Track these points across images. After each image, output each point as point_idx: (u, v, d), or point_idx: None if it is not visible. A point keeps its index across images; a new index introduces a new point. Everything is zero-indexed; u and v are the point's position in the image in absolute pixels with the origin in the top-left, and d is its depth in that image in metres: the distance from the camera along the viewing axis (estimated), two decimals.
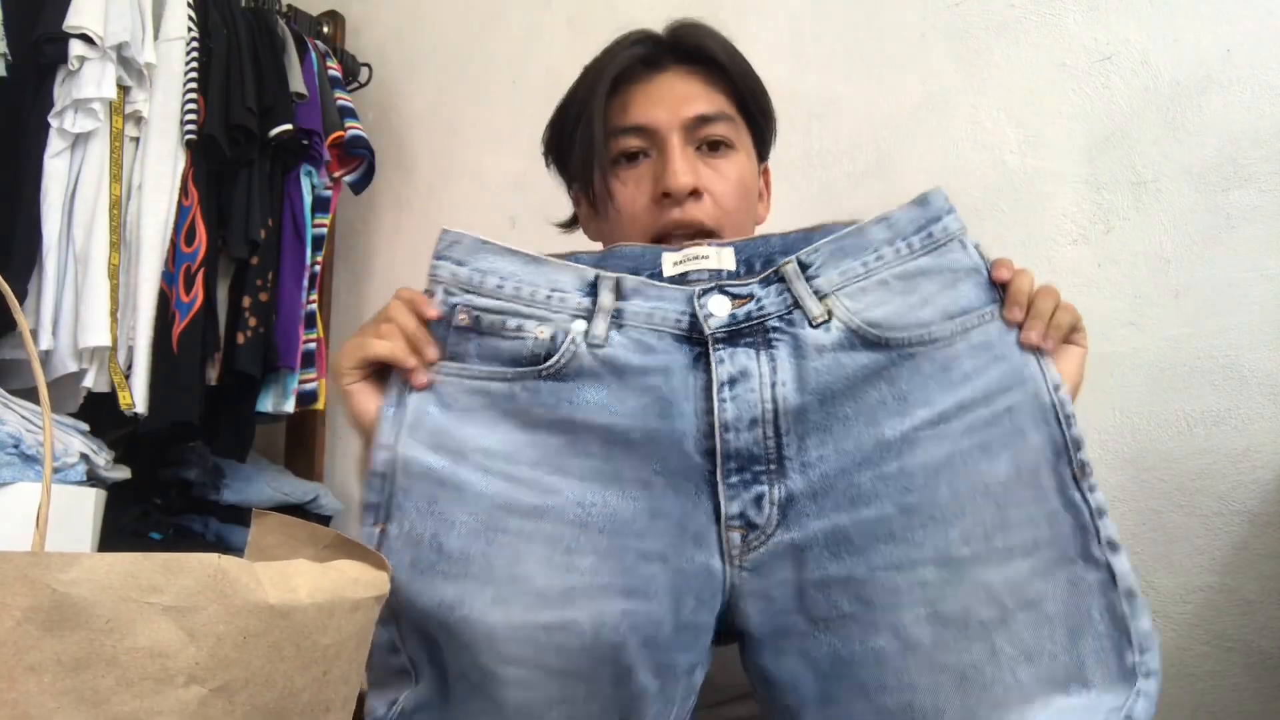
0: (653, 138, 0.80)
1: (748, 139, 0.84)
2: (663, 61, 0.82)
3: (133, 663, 0.35)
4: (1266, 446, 1.09)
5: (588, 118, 0.81)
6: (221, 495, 1.85)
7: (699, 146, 0.80)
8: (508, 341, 0.63)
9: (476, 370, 0.62)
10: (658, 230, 0.79)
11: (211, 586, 0.36)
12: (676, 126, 0.79)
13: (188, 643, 0.36)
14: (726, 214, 0.80)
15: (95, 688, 0.34)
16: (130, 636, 0.35)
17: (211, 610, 0.36)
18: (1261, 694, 1.07)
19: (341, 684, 0.42)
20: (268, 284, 1.77)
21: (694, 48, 0.82)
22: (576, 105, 0.83)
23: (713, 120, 0.80)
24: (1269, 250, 1.11)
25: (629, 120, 0.80)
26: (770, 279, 0.64)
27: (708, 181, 0.79)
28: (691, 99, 0.80)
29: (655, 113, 0.80)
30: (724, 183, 0.80)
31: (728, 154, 0.81)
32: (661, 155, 0.79)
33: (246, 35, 1.77)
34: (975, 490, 0.59)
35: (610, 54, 0.83)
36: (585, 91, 0.83)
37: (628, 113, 0.81)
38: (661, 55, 0.82)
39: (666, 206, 0.78)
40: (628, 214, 0.81)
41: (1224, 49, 1.15)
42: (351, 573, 0.43)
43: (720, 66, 0.82)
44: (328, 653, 0.41)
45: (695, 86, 0.81)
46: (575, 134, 0.83)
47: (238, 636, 0.37)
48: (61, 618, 0.34)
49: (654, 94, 0.81)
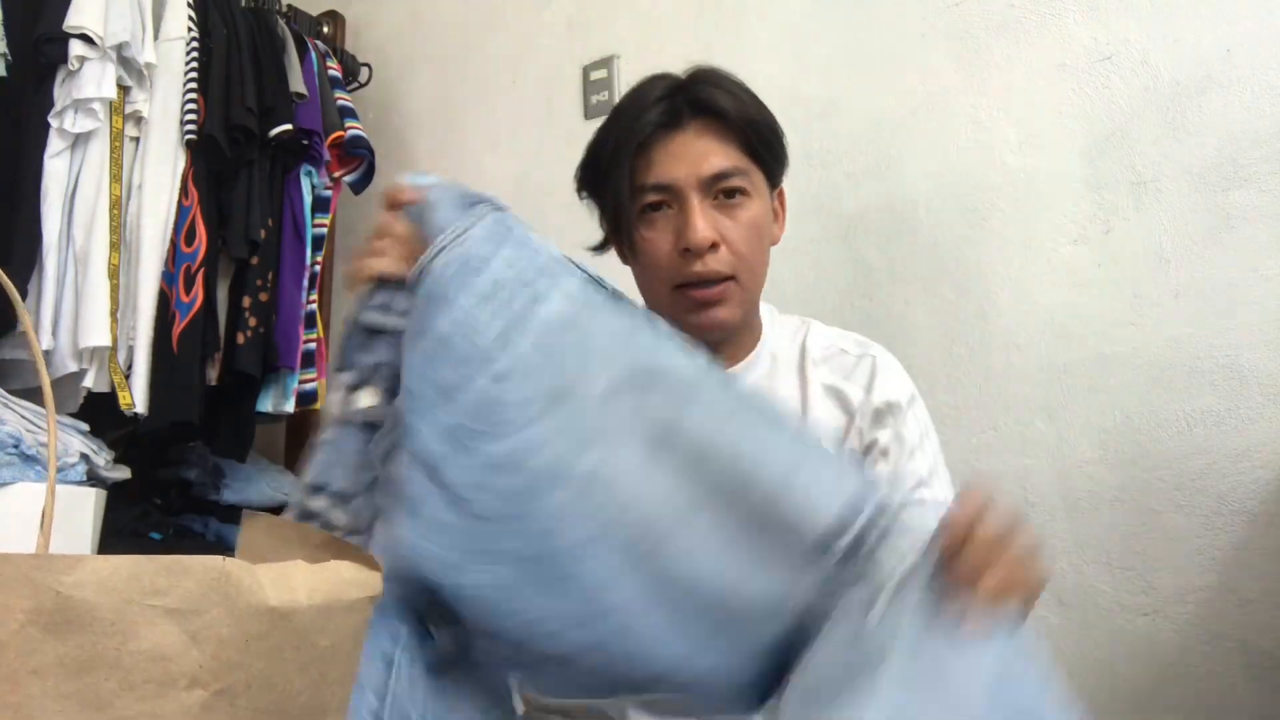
0: (674, 193, 0.88)
1: (760, 180, 0.92)
2: (682, 119, 0.89)
3: (136, 666, 0.35)
4: (1266, 446, 1.09)
5: (617, 178, 0.90)
6: (221, 495, 1.85)
7: (715, 197, 0.89)
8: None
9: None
10: (680, 280, 0.89)
11: (215, 589, 0.36)
12: (695, 184, 0.88)
13: (191, 646, 0.36)
14: (742, 258, 0.89)
15: (98, 691, 0.34)
16: (133, 639, 0.35)
17: (215, 613, 0.36)
18: (1261, 694, 1.07)
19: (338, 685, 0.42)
20: (268, 284, 1.77)
21: (709, 103, 0.89)
22: (607, 158, 0.91)
23: (727, 175, 0.88)
24: (1269, 250, 1.11)
25: (652, 179, 0.89)
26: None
27: (724, 231, 0.88)
28: (708, 155, 0.88)
29: (676, 171, 0.88)
30: (739, 229, 0.89)
31: (742, 201, 0.90)
32: (682, 210, 0.88)
33: (246, 35, 1.77)
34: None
35: (636, 111, 0.90)
36: (615, 146, 0.91)
37: (651, 171, 0.89)
38: (681, 112, 0.89)
39: (688, 259, 0.87)
40: (653, 263, 0.90)
41: (1224, 49, 1.15)
42: (346, 573, 0.43)
43: (733, 120, 0.89)
44: (325, 654, 0.41)
45: (711, 143, 0.89)
46: (606, 183, 0.91)
47: (240, 639, 0.37)
48: (65, 620, 0.34)
49: (675, 152, 0.89)
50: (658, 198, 0.89)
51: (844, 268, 1.43)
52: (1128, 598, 1.17)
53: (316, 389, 1.87)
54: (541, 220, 2.05)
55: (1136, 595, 1.16)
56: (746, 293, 0.91)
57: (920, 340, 1.34)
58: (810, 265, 1.46)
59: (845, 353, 0.98)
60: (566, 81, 1.84)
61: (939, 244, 1.35)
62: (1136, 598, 1.16)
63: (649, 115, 0.89)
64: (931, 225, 1.36)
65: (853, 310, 1.41)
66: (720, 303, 0.89)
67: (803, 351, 0.98)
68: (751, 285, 0.92)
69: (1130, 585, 1.17)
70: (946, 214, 1.34)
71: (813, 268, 1.46)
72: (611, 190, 0.90)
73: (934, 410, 1.30)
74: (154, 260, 1.61)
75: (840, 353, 0.98)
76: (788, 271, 1.47)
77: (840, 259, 1.44)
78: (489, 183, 1.96)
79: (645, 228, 0.90)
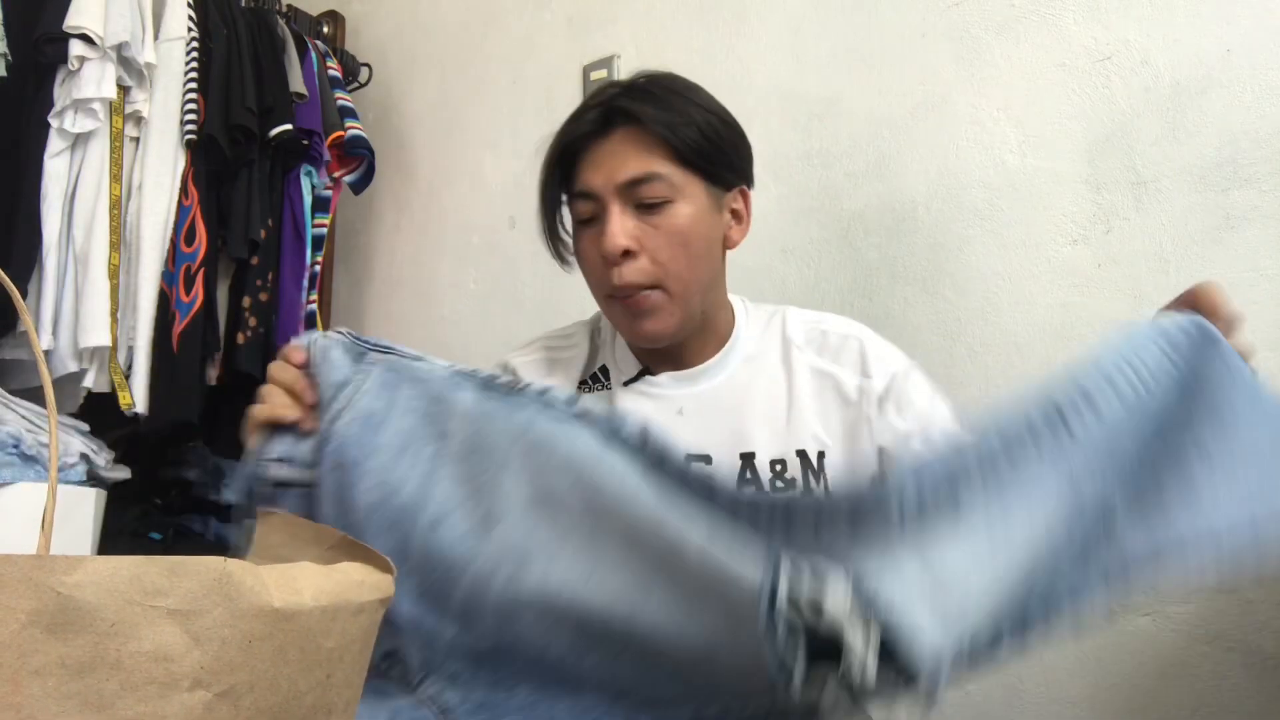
0: (598, 202, 0.88)
1: (696, 186, 0.89)
2: (610, 126, 0.88)
3: (137, 666, 0.35)
4: None
5: (549, 185, 0.92)
6: (221, 495, 1.85)
7: (637, 206, 0.87)
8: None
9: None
10: (609, 290, 0.90)
11: (216, 590, 0.36)
12: (612, 190, 0.87)
13: (192, 646, 0.36)
14: (664, 266, 0.87)
15: (100, 691, 0.34)
16: (135, 640, 0.35)
17: (216, 614, 0.36)
18: (1261, 694, 1.07)
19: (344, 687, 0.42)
20: (268, 284, 1.77)
21: (631, 111, 0.87)
22: (545, 168, 0.93)
23: (644, 181, 0.86)
24: (1269, 250, 1.11)
25: (577, 186, 0.90)
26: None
27: (644, 239, 0.87)
28: (625, 163, 0.87)
29: (595, 179, 0.88)
30: (660, 237, 0.87)
31: (666, 209, 0.87)
32: (604, 218, 0.88)
33: (246, 35, 1.77)
34: None
35: (573, 118, 0.92)
36: (550, 157, 0.92)
37: (577, 179, 0.90)
38: (610, 119, 0.88)
39: (610, 268, 0.88)
40: (588, 274, 0.93)
41: (1224, 49, 1.15)
42: (356, 575, 0.43)
43: (651, 129, 0.87)
44: (331, 656, 0.41)
45: (630, 150, 0.87)
46: (542, 190, 0.93)
47: (243, 640, 0.37)
48: (66, 621, 0.34)
49: (596, 160, 0.89)
50: (587, 207, 0.89)
51: (844, 268, 1.43)
52: (1128, 598, 1.16)
53: None
54: None
55: (1136, 595, 1.16)
56: (679, 301, 0.89)
57: (920, 340, 1.34)
58: (810, 265, 1.46)
59: (826, 333, 0.97)
60: (566, 81, 1.84)
61: (939, 244, 1.35)
62: (1136, 598, 1.16)
63: (580, 122, 0.90)
64: (931, 225, 1.36)
65: (853, 310, 1.41)
66: (648, 313, 0.88)
67: (784, 340, 0.97)
68: (684, 293, 0.89)
69: None
70: (946, 214, 1.34)
71: (813, 268, 1.46)
72: (545, 197, 0.92)
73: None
74: (154, 260, 1.61)
75: (822, 334, 0.97)
76: (788, 271, 1.48)
77: (840, 259, 1.44)
78: (489, 183, 1.97)
79: (581, 238, 0.91)
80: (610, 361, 1.00)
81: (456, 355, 2.17)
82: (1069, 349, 1.23)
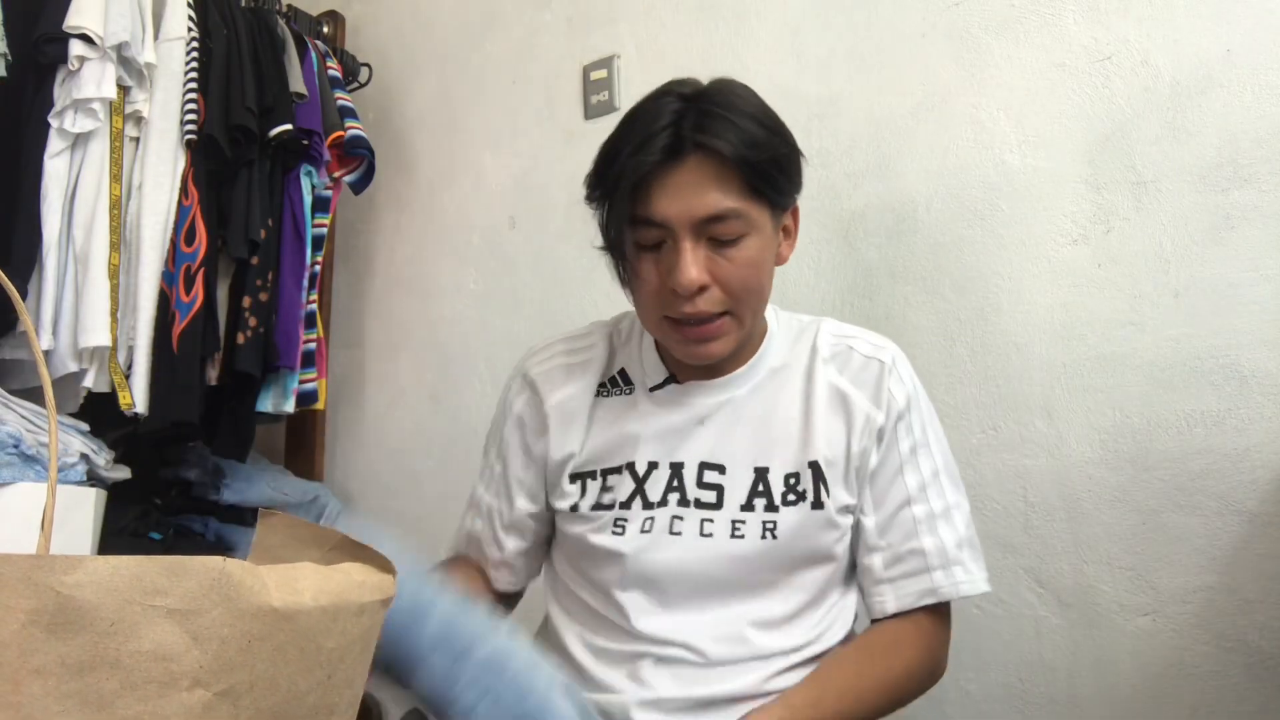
0: (668, 231, 0.86)
1: (763, 214, 0.88)
2: (682, 152, 0.84)
3: (137, 666, 0.35)
4: (1266, 446, 1.09)
5: (617, 206, 0.87)
6: (221, 495, 1.85)
7: (710, 241, 0.86)
8: None
9: None
10: (669, 315, 0.88)
11: (216, 589, 0.36)
12: (687, 224, 0.85)
13: (192, 646, 0.36)
14: (735, 298, 0.87)
15: (99, 691, 0.34)
16: (134, 639, 0.35)
17: (216, 613, 0.36)
18: (1261, 694, 1.07)
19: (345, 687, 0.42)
20: (268, 284, 1.77)
21: (710, 143, 0.84)
22: (610, 182, 0.88)
23: (722, 218, 0.85)
24: (1269, 250, 1.11)
25: (648, 214, 0.86)
26: None
27: (717, 272, 0.86)
28: (702, 198, 0.84)
29: (670, 209, 0.85)
30: (734, 269, 0.86)
31: (739, 243, 0.86)
32: (675, 249, 0.85)
33: (246, 35, 1.77)
34: None
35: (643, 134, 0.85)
36: (618, 172, 0.86)
37: (648, 206, 0.85)
38: (683, 145, 0.84)
39: (677, 298, 0.86)
40: (645, 295, 0.89)
41: (1224, 49, 1.15)
42: (357, 575, 0.43)
43: (732, 160, 0.84)
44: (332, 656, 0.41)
45: (706, 183, 0.84)
46: (606, 207, 0.89)
47: (242, 640, 0.37)
48: (65, 620, 0.34)
49: (671, 189, 0.85)
50: (654, 235, 0.87)
51: (844, 268, 1.43)
52: (1128, 598, 1.17)
53: (316, 389, 1.87)
54: (541, 220, 2.05)
55: (1136, 595, 1.16)
56: (743, 324, 0.90)
57: (920, 340, 1.34)
58: (810, 265, 1.46)
59: (853, 350, 0.97)
60: (566, 81, 1.84)
61: (939, 244, 1.35)
62: (1136, 598, 1.16)
63: (652, 146, 0.84)
64: (931, 225, 1.36)
65: (853, 310, 1.41)
66: (715, 337, 0.88)
67: (813, 350, 0.97)
68: (749, 317, 0.90)
69: (1130, 585, 1.17)
70: (946, 214, 1.34)
71: (813, 268, 1.46)
72: (612, 216, 0.88)
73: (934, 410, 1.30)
74: (154, 260, 1.61)
75: (848, 350, 0.97)
76: (788, 271, 1.47)
77: (840, 259, 1.44)
78: (489, 183, 1.97)
79: (640, 261, 0.88)
80: (633, 365, 1.00)
81: (456, 355, 2.18)
82: (1069, 349, 1.23)
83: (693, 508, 0.92)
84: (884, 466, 0.93)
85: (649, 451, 0.94)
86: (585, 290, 1.75)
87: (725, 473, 0.93)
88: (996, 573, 1.27)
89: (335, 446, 2.17)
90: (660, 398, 0.97)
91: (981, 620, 1.26)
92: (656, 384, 0.98)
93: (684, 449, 0.94)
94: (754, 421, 0.94)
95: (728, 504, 0.92)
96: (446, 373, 1.97)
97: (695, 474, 0.93)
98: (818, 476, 0.92)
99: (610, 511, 0.94)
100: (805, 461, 0.92)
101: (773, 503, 0.91)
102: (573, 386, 0.99)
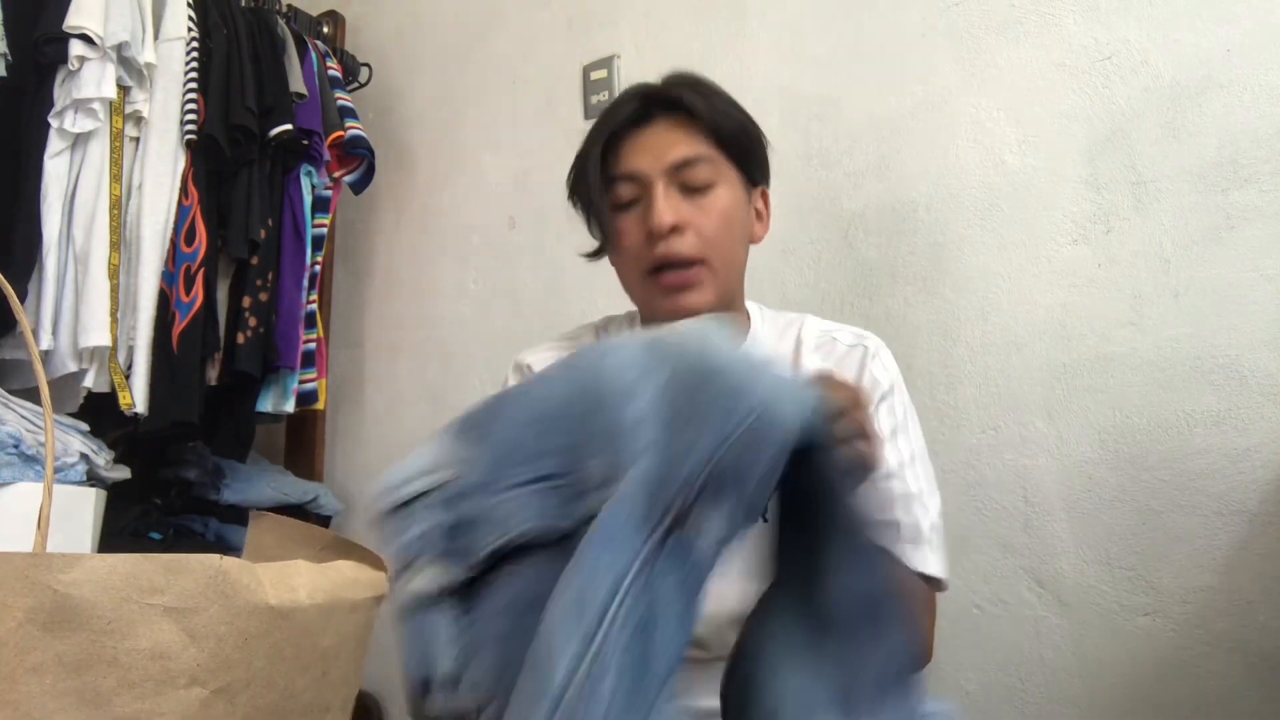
0: (642, 184, 0.91)
1: (733, 173, 0.94)
2: (651, 115, 0.93)
3: (134, 664, 0.35)
4: (1266, 446, 1.09)
5: (590, 169, 0.93)
6: (221, 495, 1.85)
7: (682, 187, 0.91)
8: None
9: None
10: (650, 264, 0.91)
11: (212, 588, 0.36)
12: (660, 171, 0.91)
13: (189, 644, 0.36)
14: (709, 243, 0.91)
15: (97, 689, 0.34)
16: (131, 637, 0.35)
17: (212, 611, 0.36)
18: (1261, 694, 1.07)
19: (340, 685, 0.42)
20: (268, 284, 1.77)
21: (675, 100, 0.92)
22: (585, 153, 0.95)
23: (692, 163, 0.91)
24: (1269, 250, 1.11)
25: (621, 169, 0.92)
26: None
27: (689, 217, 0.90)
28: (673, 145, 0.91)
29: (642, 161, 0.91)
30: (706, 215, 0.91)
31: (709, 191, 0.92)
32: (649, 197, 0.91)
33: (246, 35, 1.77)
34: None
35: (610, 111, 0.95)
36: (588, 143, 0.95)
37: (620, 162, 0.93)
38: (651, 109, 0.93)
39: (655, 243, 0.90)
40: (628, 253, 0.94)
41: (1224, 49, 1.15)
42: (350, 573, 0.43)
43: (699, 115, 0.92)
44: (327, 654, 0.41)
45: (677, 134, 0.92)
46: (582, 178, 0.96)
47: (239, 638, 0.37)
48: (63, 618, 0.34)
49: (642, 144, 0.92)
50: (629, 190, 0.92)
51: (844, 268, 1.43)
52: (1128, 598, 1.16)
53: (316, 389, 1.87)
54: (541, 220, 2.05)
55: (1136, 595, 1.16)
56: (719, 279, 0.92)
57: (920, 340, 1.34)
58: (810, 265, 1.46)
59: (837, 341, 0.98)
60: (566, 81, 1.84)
61: (939, 244, 1.35)
62: (1136, 598, 1.16)
63: (620, 112, 0.93)
64: (931, 225, 1.36)
65: (853, 310, 1.41)
66: (691, 287, 0.91)
67: (797, 343, 0.99)
68: (724, 270, 0.93)
69: (1130, 585, 1.16)
70: (946, 214, 1.34)
71: (813, 268, 1.46)
72: (587, 183, 0.94)
73: (934, 410, 1.30)
74: (154, 260, 1.61)
75: (832, 341, 0.99)
76: (788, 271, 1.47)
77: (840, 259, 1.44)
78: (489, 183, 1.97)
79: (619, 221, 0.93)
80: None
81: (457, 355, 2.18)
82: (1069, 349, 1.23)
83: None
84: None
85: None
86: (585, 290, 1.75)
87: None
88: (996, 573, 1.27)
89: (335, 446, 2.17)
90: None
91: (981, 620, 1.26)
92: None
93: None
94: None
95: None
96: (446, 373, 1.97)
97: None
98: None
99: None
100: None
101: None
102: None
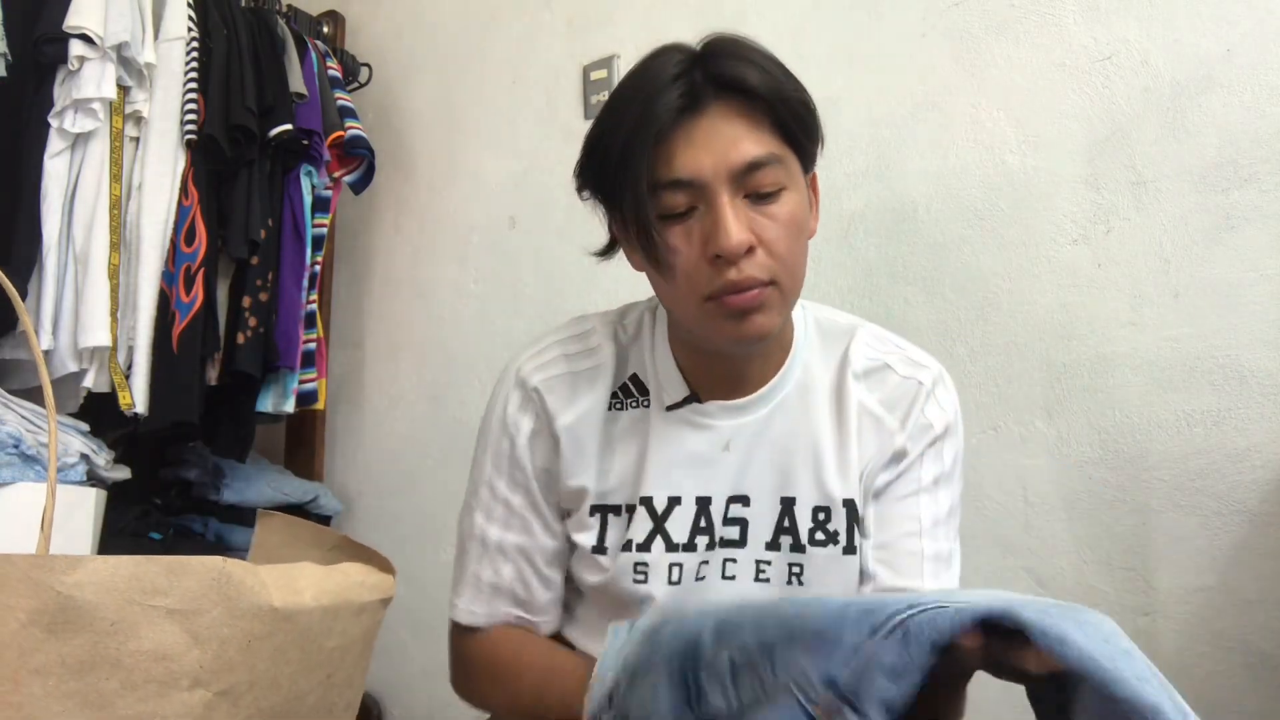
0: (700, 191, 0.74)
1: (796, 167, 0.78)
2: (703, 100, 0.74)
3: (137, 665, 0.35)
4: (1266, 446, 1.09)
5: (632, 175, 0.74)
6: (221, 495, 1.85)
7: (749, 192, 0.74)
8: None
9: None
10: (713, 291, 0.74)
11: (215, 589, 0.36)
12: (724, 178, 0.73)
13: (192, 645, 0.36)
14: (781, 261, 0.75)
15: (100, 690, 0.34)
16: (134, 639, 0.35)
17: (216, 613, 0.36)
18: (1261, 694, 1.07)
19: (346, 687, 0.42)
20: (268, 284, 1.77)
21: (734, 79, 0.74)
22: (618, 152, 0.75)
23: (761, 165, 0.74)
24: (1269, 250, 1.11)
25: (673, 174, 0.73)
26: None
27: (761, 231, 0.74)
28: (736, 143, 0.73)
29: (700, 163, 0.73)
30: (778, 228, 0.75)
31: (780, 196, 0.75)
32: (711, 210, 0.73)
33: (246, 35, 1.77)
34: None
35: (649, 91, 0.75)
36: (627, 136, 0.75)
37: (672, 165, 0.74)
38: (702, 92, 0.74)
39: (721, 266, 0.73)
40: (682, 273, 0.75)
41: (1224, 49, 1.15)
42: (357, 575, 0.43)
43: (763, 98, 0.74)
44: (333, 656, 0.41)
45: (738, 127, 0.74)
46: (618, 181, 0.76)
47: (242, 639, 0.37)
48: (66, 620, 0.34)
49: (697, 140, 0.74)
50: (682, 199, 0.74)
51: (844, 268, 1.43)
52: (1128, 598, 1.17)
53: (316, 389, 1.87)
54: (541, 220, 2.05)
55: (1136, 595, 1.16)
56: (787, 298, 0.78)
57: (920, 340, 1.33)
58: (810, 265, 1.44)
59: (889, 370, 0.86)
60: (566, 81, 1.84)
61: (939, 244, 1.35)
62: (1136, 598, 1.16)
63: (665, 98, 0.73)
64: (931, 225, 1.36)
65: (853, 310, 1.40)
66: (759, 309, 0.75)
67: (843, 362, 0.87)
68: (792, 289, 0.79)
69: (1130, 585, 1.17)
70: (946, 214, 1.34)
71: (813, 268, 1.45)
72: (627, 190, 0.74)
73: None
74: (154, 260, 1.61)
75: (884, 369, 0.86)
76: None
77: (840, 259, 1.44)
78: (489, 183, 1.96)
79: (668, 234, 0.75)
80: (646, 369, 0.87)
81: (456, 355, 2.18)
82: (1069, 349, 1.23)
83: (718, 548, 0.83)
84: (897, 486, 0.84)
85: (668, 484, 0.83)
86: (585, 290, 1.75)
87: (749, 505, 0.83)
88: (996, 573, 1.27)
89: (335, 446, 2.17)
90: (679, 418, 0.85)
91: None
92: (675, 402, 0.85)
93: (709, 481, 0.83)
94: (779, 444, 0.84)
95: (752, 541, 0.83)
96: (446, 373, 1.97)
97: (723, 510, 0.83)
98: (852, 516, 0.82)
99: (629, 554, 0.83)
100: (838, 498, 0.82)
101: (799, 541, 0.82)
102: (583, 403, 0.86)
